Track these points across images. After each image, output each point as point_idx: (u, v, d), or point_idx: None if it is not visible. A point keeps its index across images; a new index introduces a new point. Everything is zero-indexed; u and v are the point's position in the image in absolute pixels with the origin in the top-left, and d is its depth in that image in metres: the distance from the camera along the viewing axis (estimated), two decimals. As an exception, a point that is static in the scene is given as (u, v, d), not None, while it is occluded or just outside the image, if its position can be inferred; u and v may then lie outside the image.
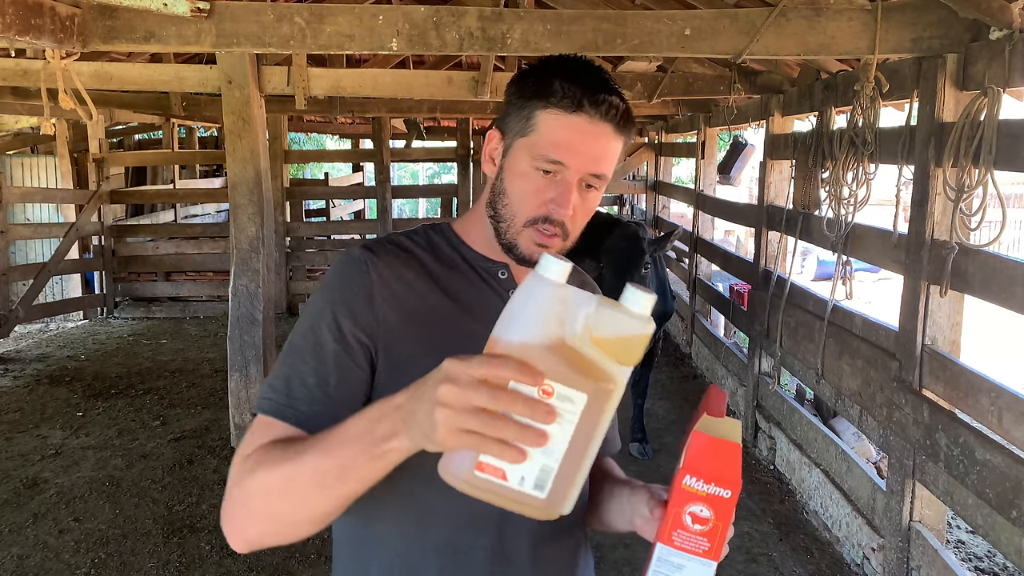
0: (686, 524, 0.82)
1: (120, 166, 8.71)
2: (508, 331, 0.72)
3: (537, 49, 3.29)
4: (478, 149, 8.66)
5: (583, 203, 1.03)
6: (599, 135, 1.01)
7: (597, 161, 1.01)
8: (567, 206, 1.00)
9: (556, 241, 1.03)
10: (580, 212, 1.03)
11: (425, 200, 19.64)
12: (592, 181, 1.02)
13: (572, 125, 1.00)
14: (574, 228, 1.04)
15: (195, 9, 3.12)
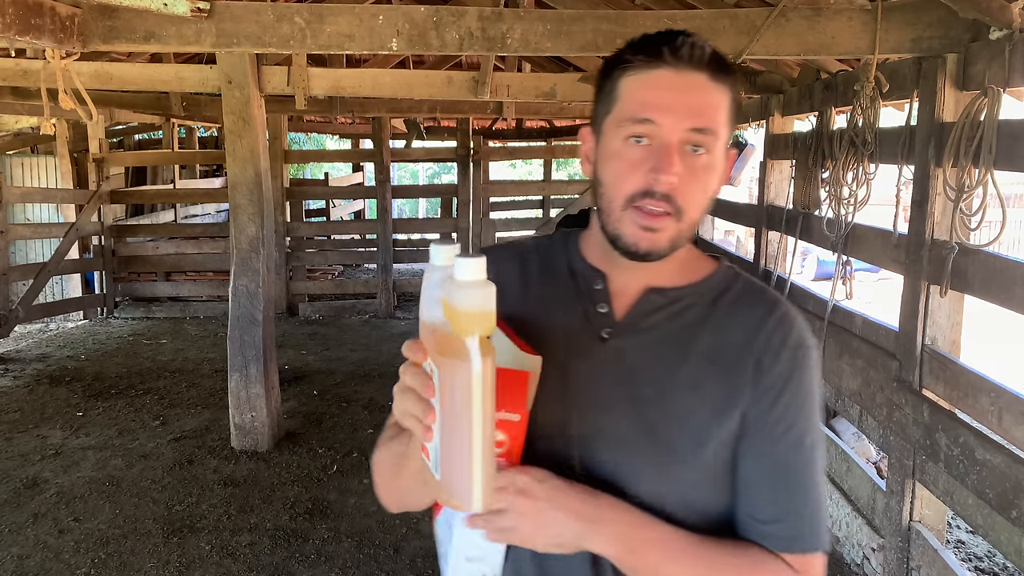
0: None
1: (120, 166, 8.71)
2: (421, 312, 0.81)
3: (537, 49, 3.29)
4: (478, 149, 8.66)
5: (692, 172, 0.87)
6: (690, 86, 0.87)
7: (696, 114, 0.87)
8: (668, 168, 0.85)
9: (666, 221, 0.88)
10: (691, 184, 0.87)
11: (425, 200, 19.63)
12: (698, 140, 0.87)
13: (656, 80, 0.87)
14: (688, 203, 0.88)
15: (195, 9, 3.12)
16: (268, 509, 3.89)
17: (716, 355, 0.93)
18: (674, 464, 0.91)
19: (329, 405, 5.50)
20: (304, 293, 8.62)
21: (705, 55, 0.88)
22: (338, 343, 7.33)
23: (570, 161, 22.00)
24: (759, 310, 0.96)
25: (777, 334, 0.93)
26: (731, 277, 1.00)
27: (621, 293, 0.98)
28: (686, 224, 0.90)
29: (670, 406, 0.91)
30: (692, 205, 0.89)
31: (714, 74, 0.88)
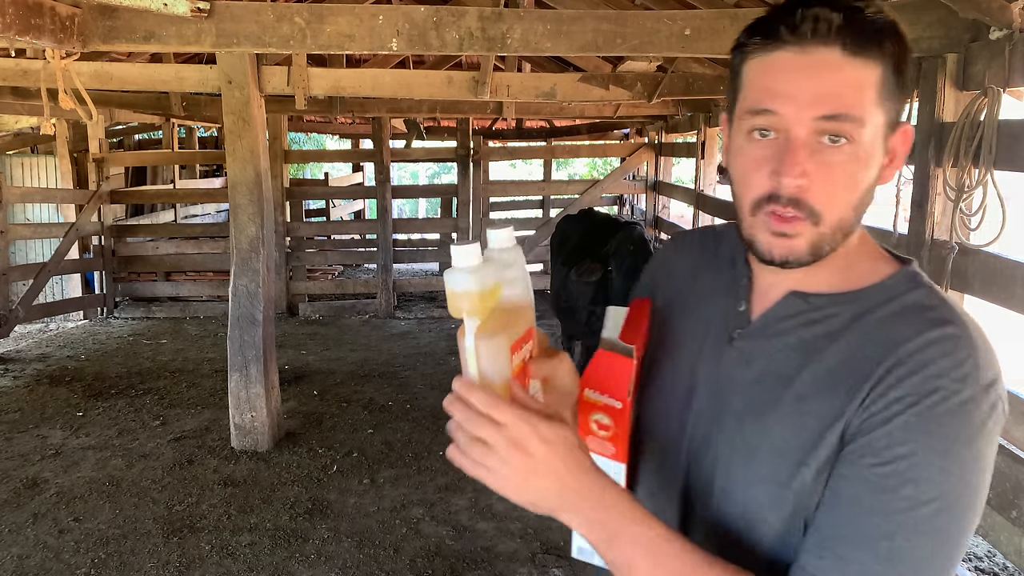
0: (593, 431, 0.89)
1: (120, 166, 8.71)
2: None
3: (537, 49, 3.30)
4: (478, 149, 8.66)
5: (826, 167, 0.75)
6: (815, 64, 0.74)
7: (825, 99, 0.73)
8: (790, 169, 0.74)
9: (799, 225, 0.76)
10: (828, 181, 0.75)
11: (425, 200, 19.63)
12: (834, 129, 0.74)
13: (775, 63, 0.76)
14: (825, 204, 0.75)
15: (195, 9, 3.12)
16: (268, 509, 3.89)
17: (839, 370, 0.79)
18: (766, 484, 0.82)
19: (329, 405, 5.50)
20: (304, 293, 8.62)
21: (833, 26, 0.73)
22: (338, 343, 7.33)
23: (570, 161, 22.02)
24: (917, 325, 0.77)
25: (923, 354, 0.74)
26: (906, 286, 0.82)
27: (764, 293, 0.90)
28: (828, 227, 0.76)
29: (773, 425, 0.82)
30: (832, 206, 0.76)
31: (850, 46, 0.74)
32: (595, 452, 0.88)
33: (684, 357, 0.93)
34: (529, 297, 0.84)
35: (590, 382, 0.88)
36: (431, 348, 7.10)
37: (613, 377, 0.86)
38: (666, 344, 0.96)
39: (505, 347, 0.78)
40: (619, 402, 0.86)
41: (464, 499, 4.03)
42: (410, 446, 4.72)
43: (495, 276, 0.77)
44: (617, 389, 0.86)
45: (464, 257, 0.76)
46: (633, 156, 9.13)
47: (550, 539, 3.61)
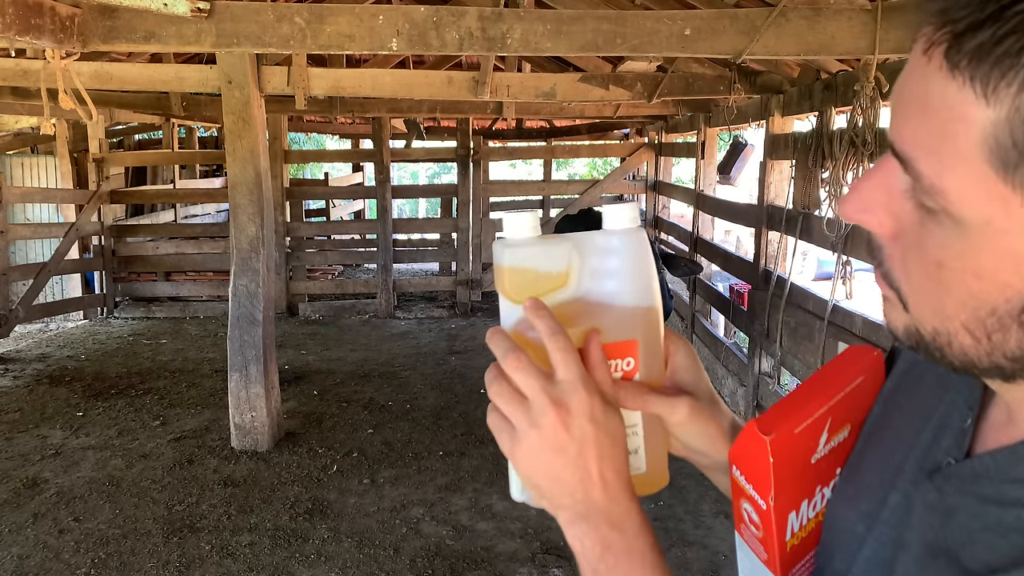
0: (745, 519, 0.65)
1: (120, 166, 8.72)
2: None
3: (537, 49, 3.30)
4: (478, 149, 8.66)
5: (907, 233, 0.48)
6: (904, 76, 0.47)
7: (898, 120, 0.47)
8: (849, 199, 0.51)
9: (884, 287, 0.53)
10: (907, 250, 0.49)
11: (425, 200, 19.64)
12: (908, 172, 0.46)
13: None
14: (906, 284, 0.50)
15: (195, 9, 3.12)
16: (268, 509, 3.89)
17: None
18: None
19: (329, 405, 5.50)
20: (304, 293, 8.63)
21: (946, 17, 0.43)
22: (338, 343, 7.33)
23: (570, 161, 22.03)
24: None
25: None
26: None
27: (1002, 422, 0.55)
28: (916, 321, 0.50)
29: None
30: (914, 292, 0.49)
31: (949, 54, 0.42)
32: (750, 548, 0.67)
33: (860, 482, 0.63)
34: (638, 300, 0.63)
35: (736, 457, 0.63)
36: (431, 348, 7.10)
37: (755, 462, 0.60)
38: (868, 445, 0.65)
39: None
40: (762, 500, 0.61)
41: (464, 499, 4.03)
42: (410, 446, 4.73)
43: (557, 260, 0.62)
44: (760, 481, 0.61)
45: (512, 227, 0.62)
46: (633, 156, 9.13)
47: (550, 539, 3.61)
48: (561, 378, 0.58)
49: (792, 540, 0.64)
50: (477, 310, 8.74)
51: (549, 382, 0.58)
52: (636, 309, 0.64)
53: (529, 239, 0.62)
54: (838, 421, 0.63)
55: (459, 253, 8.81)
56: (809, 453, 0.62)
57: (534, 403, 0.58)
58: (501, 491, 4.12)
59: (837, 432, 0.63)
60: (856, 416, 0.64)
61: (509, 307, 0.63)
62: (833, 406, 0.62)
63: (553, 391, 0.58)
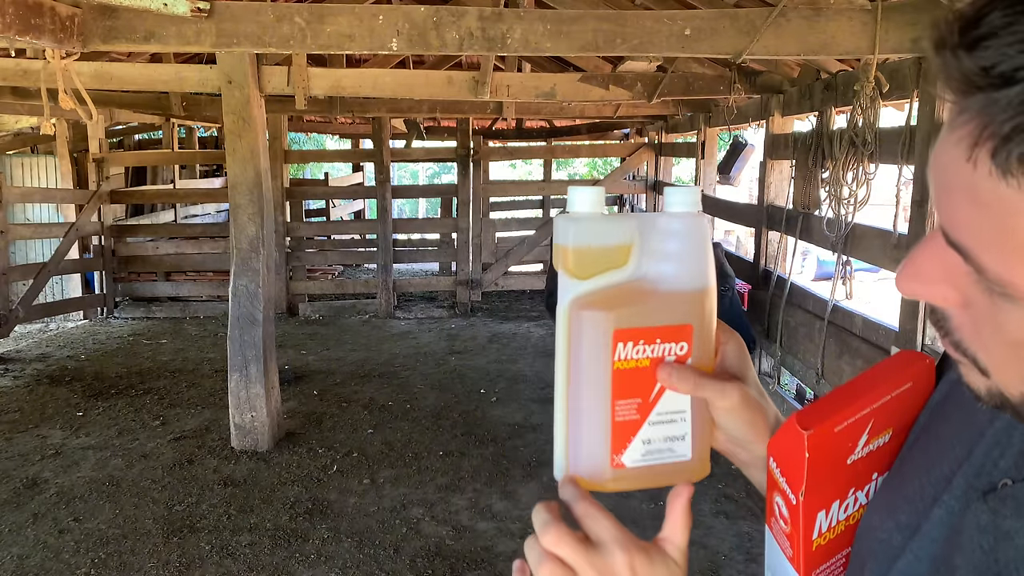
0: (776, 513, 0.65)
1: (120, 166, 8.72)
2: None
3: (537, 49, 3.30)
4: (478, 149, 8.67)
5: (979, 308, 0.45)
6: (943, 164, 0.44)
7: (943, 207, 0.44)
8: (906, 274, 0.49)
9: (950, 350, 0.50)
10: (980, 322, 0.46)
11: (425, 200, 19.63)
12: (972, 264, 0.43)
13: None
14: (983, 353, 0.47)
15: (195, 9, 3.12)
16: (268, 509, 3.89)
17: None
18: None
19: (329, 405, 5.50)
20: (304, 293, 8.63)
21: (986, 119, 0.40)
22: (338, 343, 7.33)
23: (570, 161, 22.03)
24: None
25: None
26: None
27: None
28: (1001, 387, 0.48)
29: None
30: (996, 364, 0.47)
31: (1005, 160, 0.39)
32: (777, 543, 0.66)
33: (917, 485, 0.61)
34: (694, 284, 0.62)
35: (774, 449, 0.62)
36: (431, 348, 7.10)
37: (791, 456, 0.60)
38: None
39: (606, 327, 0.59)
40: (792, 494, 0.61)
41: (464, 499, 4.03)
42: (410, 446, 4.73)
43: (621, 236, 0.61)
44: (793, 475, 0.60)
45: (578, 200, 0.61)
46: (633, 156, 9.14)
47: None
48: (597, 540, 0.58)
49: (819, 540, 0.63)
50: (477, 310, 8.74)
51: (590, 550, 0.58)
52: (692, 294, 0.63)
53: (594, 214, 0.61)
54: (880, 424, 0.61)
55: (459, 253, 8.81)
56: (846, 454, 0.61)
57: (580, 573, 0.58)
58: (501, 491, 4.12)
59: (878, 436, 0.62)
60: (899, 422, 0.63)
61: (569, 282, 0.61)
62: (877, 409, 0.61)
63: (595, 559, 0.57)
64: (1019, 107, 0.38)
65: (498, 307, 8.95)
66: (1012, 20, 0.39)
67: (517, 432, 4.94)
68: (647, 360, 0.61)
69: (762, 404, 0.67)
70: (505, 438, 4.84)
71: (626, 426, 0.62)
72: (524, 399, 5.57)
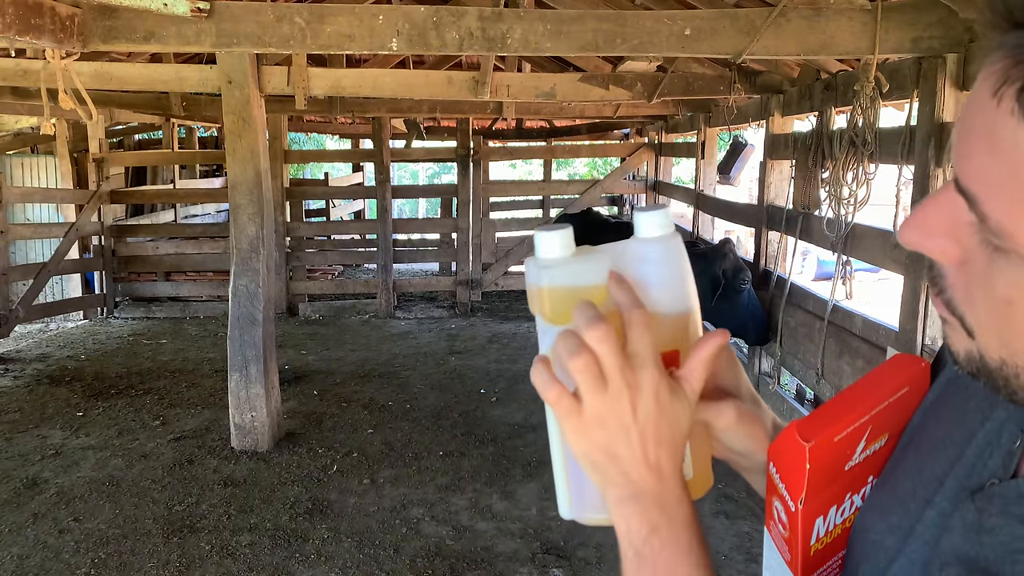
0: (775, 517, 0.65)
1: (120, 166, 8.71)
2: None
3: (537, 49, 3.30)
4: (478, 149, 8.66)
5: (970, 265, 0.47)
6: (969, 108, 0.44)
7: (959, 156, 0.45)
8: (910, 224, 0.49)
9: (943, 310, 0.51)
10: (970, 278, 0.47)
11: (425, 200, 19.63)
12: (976, 212, 0.44)
13: None
14: (970, 311, 0.48)
15: (195, 9, 3.12)
16: (268, 509, 3.89)
17: None
18: None
19: (329, 405, 5.50)
20: (304, 293, 8.63)
21: (1019, 55, 0.40)
22: (338, 343, 7.33)
23: (570, 161, 22.04)
24: None
25: None
26: None
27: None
28: (982, 349, 0.48)
29: None
30: (981, 323, 0.48)
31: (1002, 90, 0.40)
32: (776, 546, 0.66)
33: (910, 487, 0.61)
34: (676, 308, 0.61)
35: (774, 455, 0.63)
36: (431, 348, 7.10)
37: (792, 465, 0.59)
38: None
39: None
40: (792, 501, 0.61)
41: (464, 499, 4.03)
42: (410, 446, 4.73)
43: (594, 276, 0.59)
44: (793, 483, 0.60)
45: (545, 245, 0.59)
46: (633, 156, 9.14)
47: (550, 539, 3.61)
48: (634, 351, 0.56)
49: (816, 545, 0.63)
50: (477, 310, 8.75)
51: (626, 359, 0.56)
52: (675, 318, 0.62)
53: (565, 257, 0.59)
54: (877, 430, 0.61)
55: (459, 253, 8.81)
56: (844, 460, 0.61)
57: (611, 379, 0.56)
58: (501, 491, 4.12)
59: (874, 441, 0.62)
60: (896, 426, 0.63)
61: (546, 327, 0.60)
62: (875, 416, 0.61)
63: (627, 369, 0.56)
64: None
65: (498, 307, 8.95)
66: None
67: (517, 432, 4.94)
68: None
69: (758, 414, 0.67)
70: (505, 438, 4.84)
71: None
72: (524, 399, 5.57)
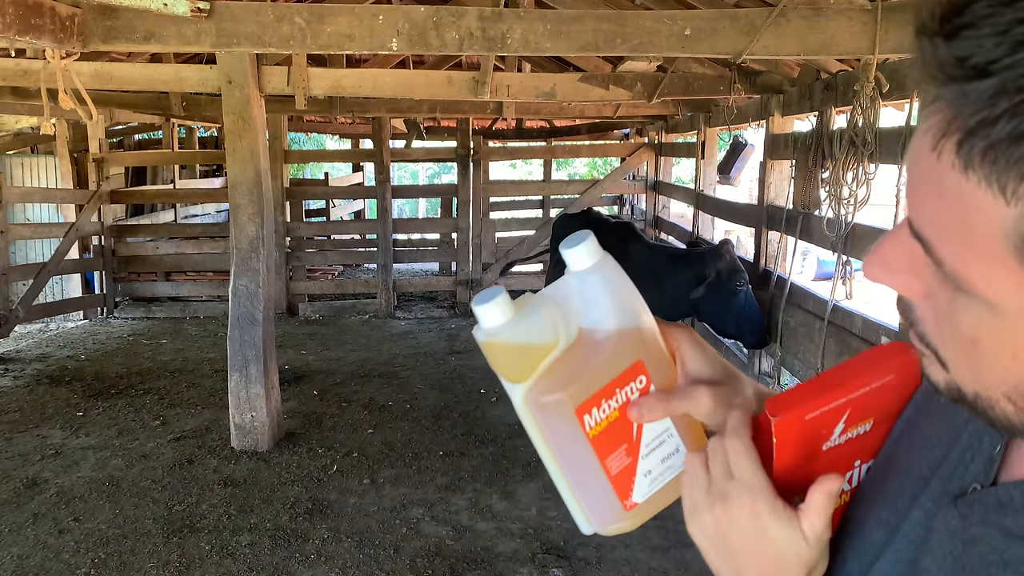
0: None
1: (120, 166, 8.72)
2: None
3: (537, 49, 3.30)
4: (478, 149, 8.66)
5: (936, 300, 0.47)
6: (914, 154, 0.44)
7: (910, 197, 0.45)
8: (872, 261, 0.50)
9: (914, 340, 0.51)
10: (937, 314, 0.47)
11: (425, 200, 19.63)
12: (932, 256, 0.44)
13: None
14: (941, 344, 0.48)
15: (195, 9, 3.12)
16: (268, 509, 3.89)
17: None
18: None
19: (329, 405, 5.50)
20: (304, 293, 8.63)
21: (954, 109, 0.40)
22: (338, 343, 7.33)
23: (570, 161, 22.04)
24: None
25: None
26: None
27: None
28: (957, 382, 0.48)
29: None
30: (952, 359, 0.48)
31: (967, 153, 0.39)
32: None
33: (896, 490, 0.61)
34: (628, 322, 0.64)
35: (752, 433, 0.65)
36: (431, 348, 7.10)
37: (762, 440, 0.61)
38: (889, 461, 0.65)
39: (566, 412, 0.61)
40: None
41: (464, 499, 4.03)
42: (410, 446, 4.73)
43: (541, 331, 0.61)
44: (765, 460, 0.61)
45: (486, 316, 0.60)
46: (633, 156, 9.14)
47: (550, 539, 3.61)
48: (737, 476, 0.59)
49: None
50: (477, 310, 8.73)
51: (727, 475, 0.59)
52: (630, 331, 0.64)
53: (506, 323, 0.61)
54: (858, 414, 0.62)
55: (459, 253, 8.81)
56: (821, 441, 0.61)
57: (712, 488, 0.60)
58: (501, 491, 4.12)
59: (856, 424, 0.62)
60: (881, 412, 0.63)
61: (511, 387, 0.63)
62: (854, 399, 0.61)
63: (727, 487, 0.59)
64: (987, 101, 0.38)
65: (498, 307, 8.94)
66: (993, 11, 0.38)
67: (517, 432, 4.94)
68: (616, 412, 0.63)
69: (737, 388, 0.68)
70: (505, 438, 4.84)
71: (624, 473, 0.65)
72: (524, 399, 5.56)
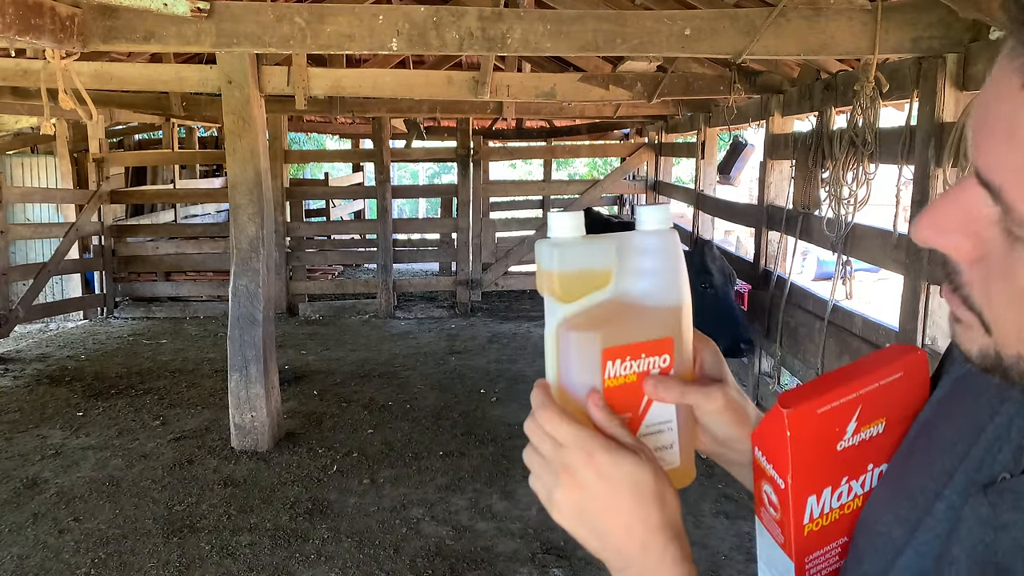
0: (765, 502, 0.66)
1: (120, 166, 8.71)
2: None
3: (537, 49, 3.30)
4: (478, 149, 8.66)
5: (987, 256, 0.46)
6: (989, 98, 0.44)
7: (979, 147, 0.44)
8: (923, 221, 0.49)
9: (958, 308, 0.50)
10: (988, 270, 0.46)
11: (425, 200, 19.64)
12: (1000, 202, 0.44)
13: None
14: (987, 305, 0.47)
15: (195, 9, 3.12)
16: (268, 509, 3.89)
17: None
18: None
19: (329, 405, 5.50)
20: (304, 293, 8.62)
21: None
22: (338, 343, 7.33)
23: (570, 161, 22.04)
24: None
25: None
26: None
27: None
28: (999, 345, 0.48)
29: None
30: (999, 318, 0.47)
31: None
32: (768, 532, 0.68)
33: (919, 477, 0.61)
34: (671, 299, 0.66)
35: (759, 438, 0.64)
36: (431, 348, 7.10)
37: (775, 439, 0.61)
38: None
39: (594, 347, 0.62)
40: (781, 479, 0.62)
41: (464, 499, 4.03)
42: (410, 446, 4.73)
43: (602, 259, 0.63)
44: (779, 458, 0.61)
45: (558, 226, 0.63)
46: (633, 156, 9.14)
47: (550, 539, 3.61)
48: (565, 444, 0.61)
49: (811, 525, 0.63)
50: (477, 310, 8.74)
51: (557, 449, 0.61)
52: (670, 309, 0.66)
53: (576, 239, 0.63)
54: (869, 412, 0.62)
55: (459, 253, 8.81)
56: (835, 439, 0.61)
57: (551, 467, 0.62)
58: (501, 491, 4.12)
59: (869, 424, 0.62)
60: (892, 412, 0.63)
61: (554, 305, 0.63)
62: (864, 395, 0.61)
63: (562, 457, 0.61)
64: None
65: (498, 307, 8.95)
66: None
67: (517, 432, 4.94)
68: (634, 375, 0.64)
69: (744, 403, 0.70)
70: (505, 438, 4.84)
71: None
72: (524, 399, 5.56)
